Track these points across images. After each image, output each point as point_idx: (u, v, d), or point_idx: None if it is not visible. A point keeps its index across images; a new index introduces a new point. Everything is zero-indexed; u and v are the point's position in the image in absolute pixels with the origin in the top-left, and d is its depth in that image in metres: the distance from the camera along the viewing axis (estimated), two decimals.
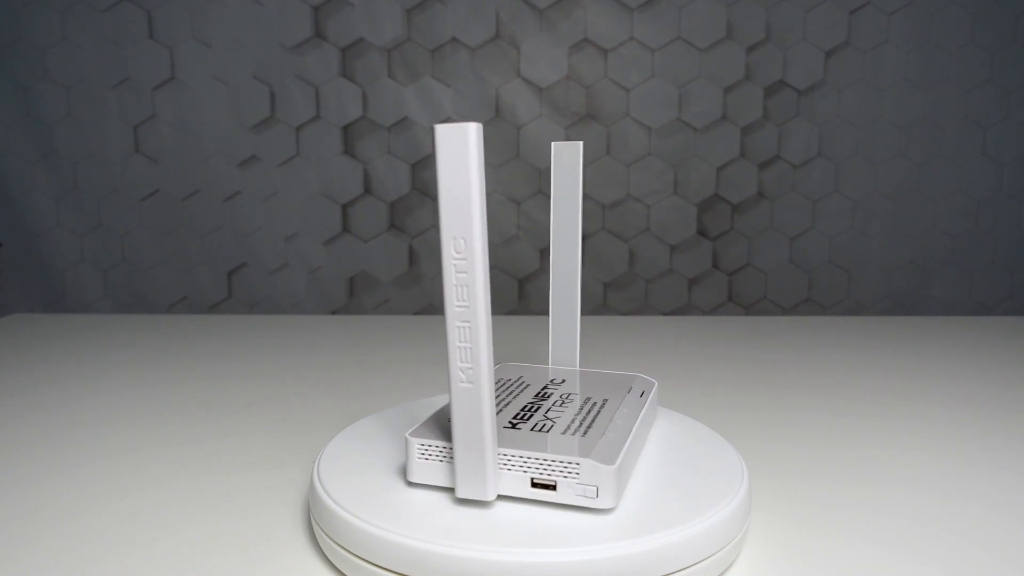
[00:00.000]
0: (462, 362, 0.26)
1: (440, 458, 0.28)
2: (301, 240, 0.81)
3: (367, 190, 0.80)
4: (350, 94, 0.78)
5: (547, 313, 0.83)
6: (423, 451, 0.28)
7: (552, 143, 0.36)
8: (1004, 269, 0.83)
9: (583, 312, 0.83)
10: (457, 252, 0.25)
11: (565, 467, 0.27)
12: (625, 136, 0.79)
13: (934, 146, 0.80)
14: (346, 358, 0.59)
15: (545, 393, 0.34)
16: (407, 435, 0.28)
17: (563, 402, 0.33)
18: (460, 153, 0.24)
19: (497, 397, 0.33)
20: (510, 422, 0.30)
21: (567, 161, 0.36)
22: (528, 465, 0.27)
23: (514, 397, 0.33)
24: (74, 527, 0.31)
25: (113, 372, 0.55)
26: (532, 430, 0.29)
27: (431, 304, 0.82)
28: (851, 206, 0.81)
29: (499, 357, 0.60)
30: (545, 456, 0.27)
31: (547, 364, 0.41)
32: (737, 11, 0.77)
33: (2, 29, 0.75)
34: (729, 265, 0.82)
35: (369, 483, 0.29)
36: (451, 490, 0.28)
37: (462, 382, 0.26)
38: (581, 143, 0.36)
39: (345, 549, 0.26)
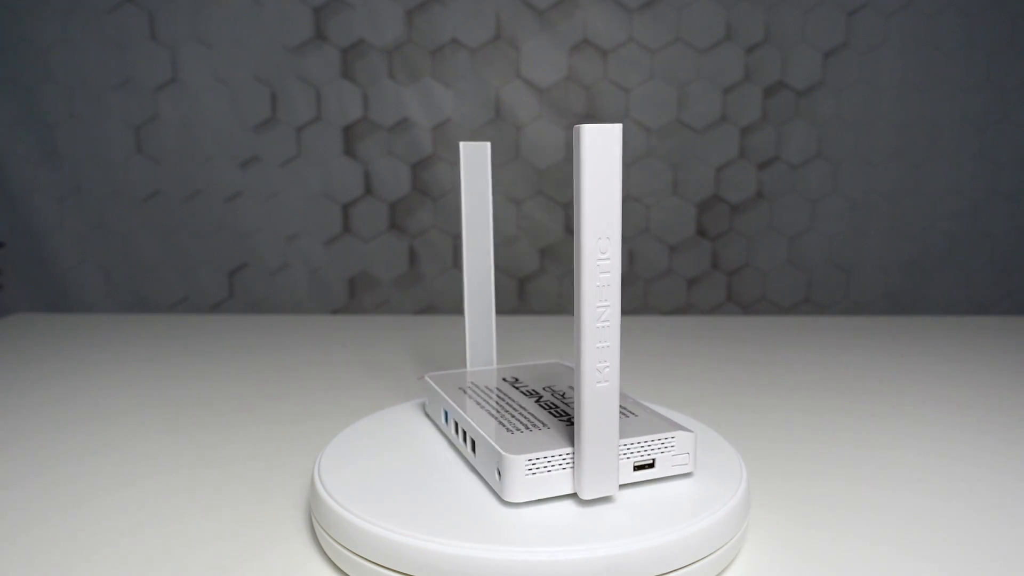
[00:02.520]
0: (600, 362, 0.26)
1: (549, 468, 0.27)
2: (302, 240, 0.81)
3: (368, 190, 0.80)
4: (351, 95, 0.78)
5: (549, 313, 0.83)
6: (531, 466, 0.27)
7: (460, 143, 0.35)
8: (1001, 269, 0.83)
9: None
10: (602, 252, 0.25)
11: (663, 443, 0.28)
12: (625, 136, 0.79)
13: (932, 147, 0.80)
14: (346, 358, 0.59)
15: (529, 391, 0.34)
16: (507, 455, 0.26)
17: (563, 395, 0.34)
18: (607, 154, 0.24)
19: (494, 405, 0.32)
20: (568, 422, 0.30)
21: (476, 161, 0.36)
22: (630, 451, 0.28)
23: (511, 402, 0.33)
24: (74, 525, 0.31)
25: (115, 371, 0.55)
26: None
27: (431, 304, 0.83)
28: (849, 206, 0.81)
29: (500, 359, 0.60)
30: (647, 438, 0.28)
31: (493, 366, 0.40)
32: (736, 12, 0.77)
33: (4, 30, 0.76)
34: (728, 265, 0.83)
35: (370, 482, 0.29)
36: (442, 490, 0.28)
37: (599, 382, 0.26)
38: (489, 144, 0.36)
39: (346, 548, 0.27)
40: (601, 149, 0.24)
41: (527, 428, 0.29)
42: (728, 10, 0.77)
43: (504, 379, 0.36)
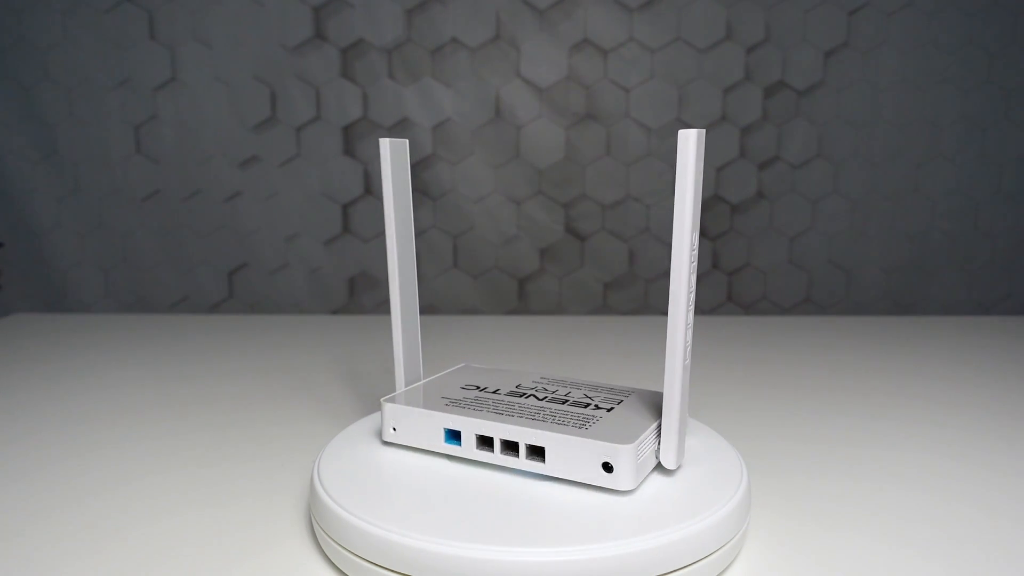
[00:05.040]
0: (687, 342, 0.28)
1: (646, 450, 0.29)
2: (301, 240, 0.81)
3: (367, 190, 0.80)
4: (350, 94, 0.78)
5: (549, 313, 0.83)
6: (639, 452, 0.28)
7: (383, 140, 0.33)
8: (1002, 269, 0.83)
9: (582, 312, 0.83)
10: (693, 245, 0.27)
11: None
12: (625, 136, 0.79)
13: (933, 146, 0.80)
14: (346, 358, 0.59)
15: (514, 393, 0.34)
16: (623, 445, 0.27)
17: (555, 389, 0.34)
18: (700, 156, 0.27)
19: (508, 411, 0.31)
20: (605, 409, 0.31)
21: (398, 159, 0.34)
22: None
23: (520, 405, 0.32)
24: (74, 526, 0.31)
25: (114, 372, 0.55)
26: (629, 407, 0.32)
27: (431, 304, 0.82)
28: (850, 206, 0.81)
29: (500, 359, 0.60)
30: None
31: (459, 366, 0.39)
32: (737, 11, 0.77)
33: (4, 30, 0.76)
34: (729, 265, 0.82)
35: (369, 483, 0.29)
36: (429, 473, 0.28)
37: (685, 359, 0.28)
38: (407, 140, 0.35)
39: (345, 548, 0.26)
40: (700, 151, 0.27)
41: (586, 423, 0.30)
42: (728, 9, 0.77)
43: (464, 388, 0.35)
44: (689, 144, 0.26)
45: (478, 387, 0.35)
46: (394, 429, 0.32)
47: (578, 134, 0.79)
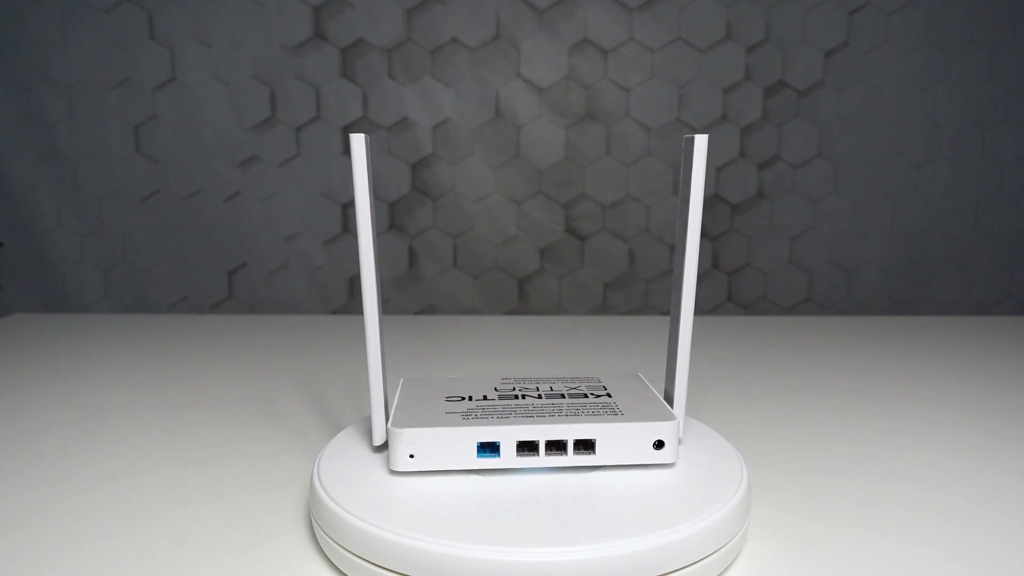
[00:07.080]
0: (691, 327, 0.32)
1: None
2: (301, 240, 0.81)
3: None
4: (350, 94, 0.78)
5: (549, 313, 0.83)
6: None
7: (352, 135, 0.30)
8: (1003, 269, 0.83)
9: (582, 312, 0.83)
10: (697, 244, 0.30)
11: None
12: (625, 136, 0.79)
13: (933, 146, 0.80)
14: (346, 358, 0.59)
15: (506, 395, 0.33)
16: (671, 423, 0.29)
17: (537, 386, 0.35)
18: (704, 159, 0.30)
19: (523, 413, 0.31)
20: (606, 395, 0.33)
21: (365, 156, 0.31)
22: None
23: (532, 406, 0.32)
24: (73, 527, 0.31)
25: (114, 372, 0.55)
26: (622, 391, 0.34)
27: (431, 304, 0.82)
28: (850, 206, 0.81)
29: (500, 358, 0.60)
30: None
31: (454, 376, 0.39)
32: (737, 11, 0.77)
33: (3, 29, 0.76)
34: (729, 265, 0.82)
35: (369, 483, 0.29)
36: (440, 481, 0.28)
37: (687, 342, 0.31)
38: (368, 137, 0.33)
39: (345, 548, 0.26)
40: (703, 156, 0.29)
41: (614, 410, 0.31)
42: (728, 9, 0.77)
43: (450, 399, 0.33)
44: (701, 148, 0.29)
45: (462, 397, 0.33)
46: (411, 456, 0.29)
47: (578, 134, 0.79)
